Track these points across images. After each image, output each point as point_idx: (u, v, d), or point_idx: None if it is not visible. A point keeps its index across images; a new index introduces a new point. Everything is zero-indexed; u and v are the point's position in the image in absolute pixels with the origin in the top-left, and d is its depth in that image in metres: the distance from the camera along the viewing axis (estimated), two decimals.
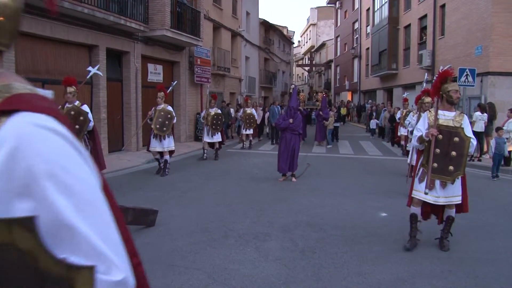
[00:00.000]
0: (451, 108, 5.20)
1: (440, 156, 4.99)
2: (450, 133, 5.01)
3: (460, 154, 4.96)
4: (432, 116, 5.15)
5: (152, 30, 14.92)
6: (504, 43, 15.84)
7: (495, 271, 4.58)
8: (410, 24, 25.28)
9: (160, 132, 10.11)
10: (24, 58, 10.60)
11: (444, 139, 5.00)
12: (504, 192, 9.15)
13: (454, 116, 5.15)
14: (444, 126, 5.05)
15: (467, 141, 4.95)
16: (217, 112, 13.30)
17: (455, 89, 5.12)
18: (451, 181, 4.96)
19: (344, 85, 42.21)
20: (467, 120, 5.18)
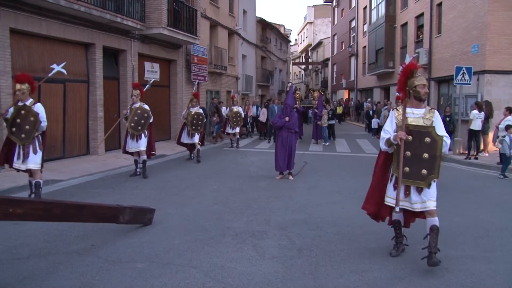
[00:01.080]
0: (419, 105, 4.70)
1: (411, 159, 4.54)
2: (421, 133, 4.53)
3: (433, 155, 4.49)
4: (400, 115, 4.67)
5: (148, 28, 14.90)
6: (501, 41, 15.87)
7: (492, 269, 4.59)
8: (407, 23, 25.30)
9: (135, 131, 9.63)
10: (20, 56, 10.57)
11: (414, 141, 4.54)
12: (500, 190, 9.18)
13: (424, 113, 4.65)
14: (413, 126, 4.57)
15: (439, 141, 4.46)
16: (198, 111, 12.52)
17: (422, 83, 4.62)
18: (426, 185, 4.49)
19: (341, 83, 42.23)
20: (438, 116, 4.67)
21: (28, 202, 4.14)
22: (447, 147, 4.57)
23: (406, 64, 4.70)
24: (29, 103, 7.01)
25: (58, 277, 4.20)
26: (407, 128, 4.55)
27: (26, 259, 4.68)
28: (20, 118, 6.92)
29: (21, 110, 6.94)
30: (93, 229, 5.69)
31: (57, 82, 11.74)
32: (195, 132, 12.39)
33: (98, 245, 5.16)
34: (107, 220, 5.11)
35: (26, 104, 6.98)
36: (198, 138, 12.61)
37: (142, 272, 4.37)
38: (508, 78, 15.92)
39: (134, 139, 9.72)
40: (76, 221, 4.69)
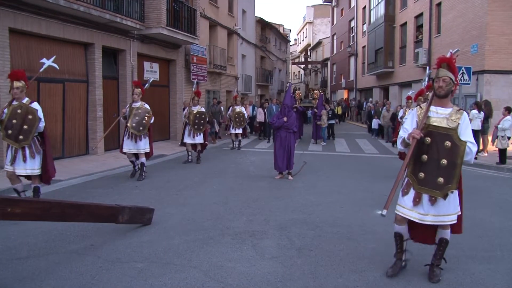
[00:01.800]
0: (444, 103, 4.13)
1: (428, 164, 4.03)
2: (441, 136, 3.98)
3: (453, 163, 3.91)
4: (422, 113, 4.15)
5: (148, 28, 14.90)
6: (500, 41, 15.90)
7: (491, 268, 4.59)
8: (406, 22, 25.32)
9: (136, 132, 9.24)
10: (19, 56, 10.56)
11: (432, 144, 4.01)
12: (500, 190, 9.18)
13: (449, 113, 4.04)
14: (433, 127, 4.03)
15: (461, 147, 3.88)
16: (200, 110, 12.08)
17: (438, 76, 4.08)
18: (441, 196, 3.95)
19: (341, 83, 42.23)
20: (466, 119, 4.06)
21: (27, 201, 4.13)
22: (471, 155, 3.94)
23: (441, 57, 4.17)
24: (25, 102, 6.56)
25: (58, 277, 4.20)
26: (426, 128, 4.06)
27: (26, 259, 4.68)
28: (17, 118, 6.42)
29: (18, 109, 6.46)
30: (92, 229, 5.69)
31: (56, 82, 11.74)
32: (198, 131, 11.97)
33: (98, 245, 5.16)
34: (106, 220, 5.11)
35: (23, 102, 6.52)
36: (202, 139, 12.19)
37: (142, 272, 4.37)
38: (508, 78, 15.95)
39: (133, 140, 9.34)
40: (75, 221, 4.69)
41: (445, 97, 4.08)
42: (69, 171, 10.12)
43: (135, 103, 9.46)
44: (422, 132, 3.99)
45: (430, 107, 4.14)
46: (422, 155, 4.06)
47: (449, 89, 4.05)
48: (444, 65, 4.08)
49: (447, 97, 4.11)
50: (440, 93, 4.06)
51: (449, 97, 4.13)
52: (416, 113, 4.27)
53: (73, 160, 11.74)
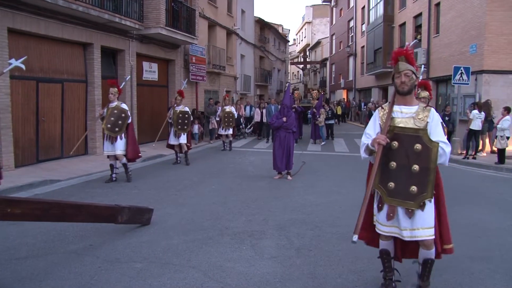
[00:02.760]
0: (409, 101, 3.64)
1: (397, 172, 3.52)
2: (409, 138, 3.49)
3: (425, 168, 3.43)
4: (385, 114, 3.65)
5: (147, 28, 14.89)
6: (499, 41, 15.90)
7: (490, 268, 4.60)
8: (405, 22, 25.33)
9: (111, 133, 8.95)
10: (18, 56, 10.50)
11: (400, 148, 3.51)
12: (498, 190, 9.19)
13: (416, 112, 3.57)
14: (399, 129, 3.53)
15: (433, 149, 3.40)
16: (183, 110, 11.90)
17: (399, 70, 3.57)
18: (416, 207, 3.44)
19: (340, 83, 42.25)
20: (435, 116, 3.56)
21: (26, 202, 4.13)
22: (445, 157, 3.45)
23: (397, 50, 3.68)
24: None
25: (57, 277, 4.20)
26: (391, 131, 3.55)
27: (25, 259, 4.67)
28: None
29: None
30: (91, 229, 5.69)
31: (55, 82, 11.73)
32: (182, 132, 11.76)
33: (97, 245, 5.15)
34: (105, 220, 5.11)
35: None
36: (186, 139, 11.96)
37: (141, 272, 4.37)
38: (506, 78, 15.95)
39: (110, 141, 9.04)
40: (74, 221, 4.69)
41: (409, 93, 3.58)
42: (68, 171, 10.12)
43: (111, 103, 9.12)
44: (387, 136, 3.49)
45: (393, 107, 3.64)
46: (390, 162, 3.53)
47: (412, 84, 3.56)
48: (402, 58, 3.59)
49: (411, 93, 3.62)
50: (404, 89, 3.55)
51: (413, 93, 3.66)
52: (378, 115, 3.74)
53: (72, 160, 11.73)
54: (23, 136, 10.70)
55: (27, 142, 10.81)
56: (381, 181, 3.59)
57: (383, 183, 3.58)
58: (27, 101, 10.77)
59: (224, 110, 15.46)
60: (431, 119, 3.52)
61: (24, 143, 10.70)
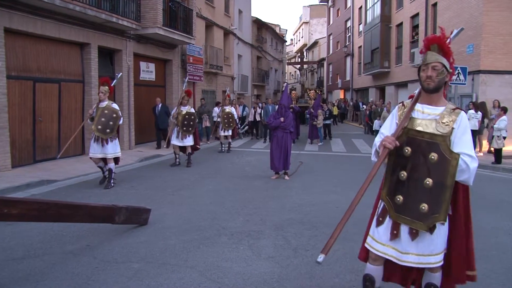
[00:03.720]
0: (435, 100, 2.98)
1: (408, 184, 2.91)
2: (425, 145, 2.86)
3: (440, 184, 2.79)
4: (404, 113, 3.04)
5: (144, 28, 14.87)
6: (495, 41, 15.96)
7: (487, 268, 4.61)
8: (402, 23, 25.38)
9: (103, 135, 8.42)
10: (15, 56, 10.52)
11: (414, 156, 2.90)
12: (495, 190, 9.22)
13: (440, 114, 2.91)
14: (415, 132, 2.91)
15: (452, 161, 2.74)
16: (190, 111, 11.45)
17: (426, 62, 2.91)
18: (425, 229, 2.83)
19: (337, 83, 42.29)
20: (464, 122, 2.89)
21: (23, 202, 4.12)
22: (468, 173, 2.76)
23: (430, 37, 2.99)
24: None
25: (53, 278, 4.19)
26: (406, 133, 2.94)
27: (21, 260, 4.66)
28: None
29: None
30: (88, 230, 5.67)
31: (52, 82, 11.70)
32: (187, 133, 11.35)
33: (94, 246, 5.14)
34: (102, 220, 5.10)
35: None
36: (192, 141, 11.58)
37: (138, 272, 4.36)
38: (503, 78, 16.01)
39: (100, 144, 8.50)
40: (72, 221, 4.68)
41: (435, 91, 2.91)
42: (65, 172, 10.09)
43: (102, 102, 8.59)
44: (400, 139, 2.91)
45: (415, 105, 3.01)
46: (400, 172, 2.94)
47: (441, 80, 2.89)
48: (434, 47, 2.92)
49: (439, 92, 2.94)
50: (429, 85, 2.88)
51: (441, 91, 2.97)
52: (397, 113, 3.11)
53: (68, 161, 11.71)
54: (20, 136, 10.67)
55: (24, 142, 10.79)
56: (389, 192, 3.02)
57: (390, 196, 3.00)
58: (24, 101, 10.74)
59: (224, 110, 14.93)
60: (457, 125, 2.84)
61: (21, 143, 10.68)
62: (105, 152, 8.53)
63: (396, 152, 2.94)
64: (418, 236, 2.88)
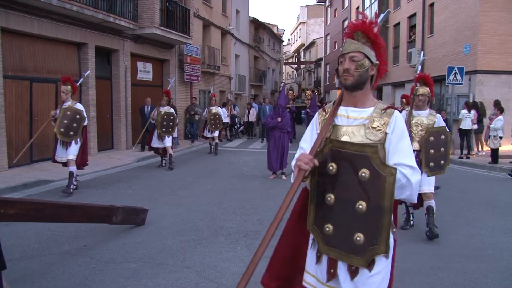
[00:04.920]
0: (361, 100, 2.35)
1: (336, 210, 2.25)
2: (353, 159, 2.19)
3: (376, 207, 2.14)
4: (326, 119, 2.39)
5: (141, 28, 14.85)
6: (492, 41, 15.99)
7: (483, 267, 4.63)
8: (399, 23, 25.41)
9: (66, 138, 7.85)
10: (11, 56, 10.49)
11: (340, 173, 2.23)
12: (492, 189, 9.24)
13: (370, 117, 2.29)
14: (339, 144, 2.24)
15: (388, 177, 2.10)
16: (168, 111, 11.15)
17: (344, 51, 2.33)
18: (363, 265, 2.19)
19: (334, 83, 42.29)
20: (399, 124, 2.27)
21: (20, 202, 4.11)
22: (410, 189, 2.17)
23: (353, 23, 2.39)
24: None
25: (50, 278, 4.18)
26: (328, 145, 2.27)
27: (18, 260, 4.65)
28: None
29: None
30: (85, 230, 5.66)
31: (49, 82, 11.67)
32: (166, 134, 11.03)
33: (91, 246, 5.14)
34: (99, 220, 5.09)
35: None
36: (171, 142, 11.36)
37: (135, 272, 4.35)
38: (499, 78, 16.05)
39: (64, 146, 7.95)
40: (68, 221, 4.67)
41: (357, 88, 2.29)
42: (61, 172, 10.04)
43: (64, 103, 7.98)
44: (321, 155, 2.26)
45: (337, 109, 2.37)
46: (326, 195, 2.25)
47: (362, 74, 2.27)
48: (358, 34, 2.33)
49: (363, 89, 2.31)
50: (347, 81, 2.28)
51: (367, 88, 2.34)
52: (317, 121, 2.46)
53: None
54: (17, 136, 10.64)
55: (20, 142, 10.75)
56: (315, 220, 2.32)
57: (318, 224, 2.31)
58: (20, 101, 10.71)
59: (210, 111, 14.12)
60: (391, 129, 2.22)
61: (18, 143, 10.64)
62: (67, 155, 7.97)
63: (318, 171, 2.27)
64: (358, 274, 2.19)
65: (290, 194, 2.24)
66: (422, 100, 5.84)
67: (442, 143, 5.65)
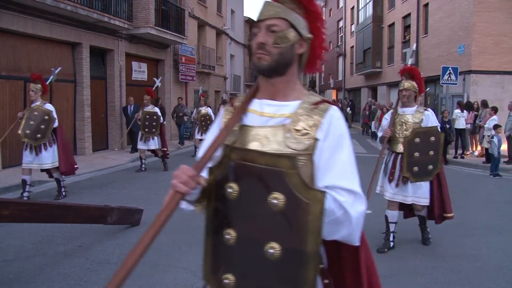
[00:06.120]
0: (282, 91, 1.62)
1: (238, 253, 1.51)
2: (261, 177, 1.41)
3: (295, 251, 1.38)
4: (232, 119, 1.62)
5: (136, 27, 14.82)
6: (486, 41, 16.09)
7: (478, 266, 4.65)
8: (394, 23, 25.51)
9: (32, 141, 7.03)
10: (5, 55, 10.44)
11: (244, 199, 1.46)
12: (486, 189, 9.29)
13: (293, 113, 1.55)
14: (244, 154, 1.49)
15: (312, 206, 1.34)
16: (151, 111, 10.44)
17: (258, 18, 1.64)
18: None
19: (329, 83, 42.40)
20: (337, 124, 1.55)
21: (15, 203, 4.09)
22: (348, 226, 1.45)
23: None
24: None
25: (45, 279, 4.16)
26: (227, 157, 1.54)
27: (12, 261, 4.63)
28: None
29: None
30: (80, 230, 5.64)
31: None
32: (149, 135, 10.39)
33: (86, 246, 5.12)
34: (94, 220, 5.08)
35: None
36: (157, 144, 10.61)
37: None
38: (493, 78, 16.15)
39: (32, 152, 7.13)
40: (63, 222, 4.66)
41: (276, 72, 1.57)
42: None
43: (33, 103, 7.27)
44: (218, 170, 1.56)
45: (248, 104, 1.65)
46: (225, 230, 1.55)
47: (285, 52, 1.56)
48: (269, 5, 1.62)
49: (286, 74, 1.60)
50: (261, 61, 1.55)
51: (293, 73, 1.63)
52: (223, 119, 1.71)
53: None
54: (11, 136, 10.56)
55: (15, 142, 10.68)
56: (212, 267, 1.67)
57: (215, 272, 1.64)
58: (14, 101, 10.66)
59: (200, 112, 12.93)
60: (324, 134, 1.52)
61: (12, 143, 10.58)
62: (40, 162, 7.19)
63: (216, 193, 1.55)
64: None
65: (151, 231, 1.57)
66: (407, 96, 5.02)
67: (432, 145, 4.86)
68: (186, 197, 1.53)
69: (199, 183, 1.49)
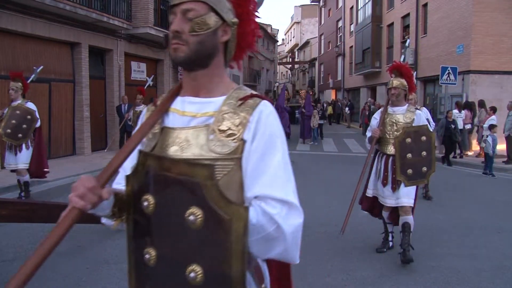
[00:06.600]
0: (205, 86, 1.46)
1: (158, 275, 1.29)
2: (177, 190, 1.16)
3: (219, 275, 1.12)
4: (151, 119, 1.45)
5: (135, 27, 14.81)
6: (485, 41, 16.10)
7: (476, 266, 4.65)
8: (393, 23, 25.51)
9: (13, 141, 6.80)
10: (4, 55, 10.43)
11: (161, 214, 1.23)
12: (484, 189, 9.30)
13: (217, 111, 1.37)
14: (159, 162, 1.21)
15: (234, 223, 1.08)
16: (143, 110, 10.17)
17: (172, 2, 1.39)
18: None
19: (328, 83, 42.39)
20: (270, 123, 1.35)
21: (13, 203, 4.09)
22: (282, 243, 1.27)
23: None
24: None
25: (44, 279, 4.15)
26: (142, 164, 1.26)
27: (11, 261, 4.63)
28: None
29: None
30: (79, 230, 5.63)
31: (42, 82, 11.60)
32: None
33: (85, 246, 5.12)
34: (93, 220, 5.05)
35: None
36: None
37: None
38: (492, 78, 16.15)
39: (13, 151, 6.90)
40: None
41: (196, 64, 1.43)
42: (55, 172, 10.01)
43: (14, 101, 6.96)
44: (136, 179, 1.29)
45: (170, 102, 1.51)
46: (144, 249, 1.32)
47: (204, 42, 1.37)
48: None
49: (209, 66, 1.44)
50: (177, 53, 1.42)
51: (216, 65, 1.48)
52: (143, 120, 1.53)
53: (59, 161, 11.62)
54: None
55: None
56: None
57: None
58: None
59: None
60: (251, 134, 1.33)
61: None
62: (17, 162, 6.94)
63: (136, 207, 1.33)
64: None
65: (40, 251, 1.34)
66: (396, 94, 4.75)
67: (423, 145, 4.61)
68: (94, 212, 1.36)
69: (101, 197, 1.28)
